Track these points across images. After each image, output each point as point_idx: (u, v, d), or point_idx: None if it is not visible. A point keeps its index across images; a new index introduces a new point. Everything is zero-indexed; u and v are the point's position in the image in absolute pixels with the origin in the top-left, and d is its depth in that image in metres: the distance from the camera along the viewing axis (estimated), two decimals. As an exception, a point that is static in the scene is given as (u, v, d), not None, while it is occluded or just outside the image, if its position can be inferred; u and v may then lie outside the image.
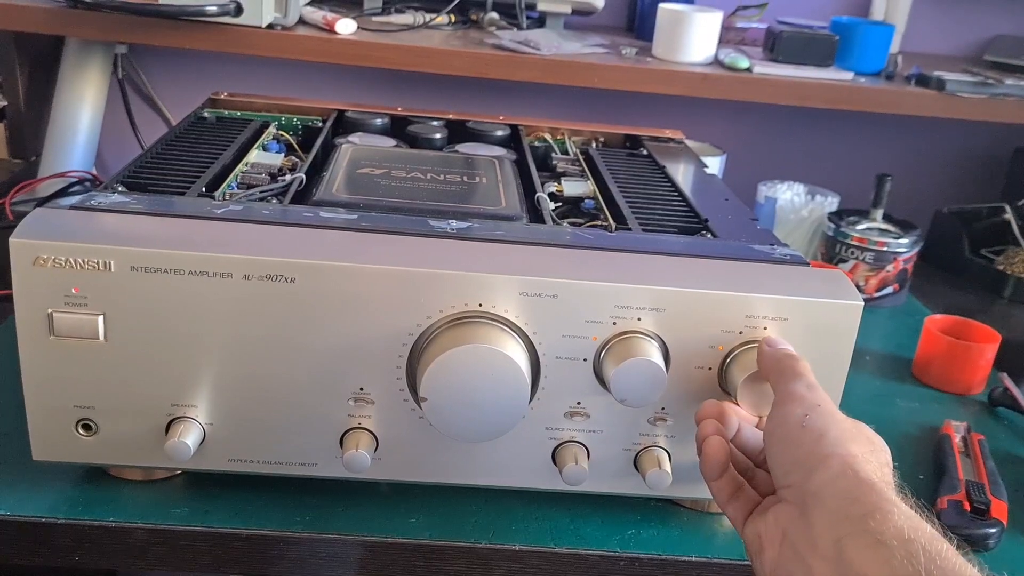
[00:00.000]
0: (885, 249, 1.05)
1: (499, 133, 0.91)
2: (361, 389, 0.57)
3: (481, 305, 0.55)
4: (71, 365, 0.55)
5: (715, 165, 1.09)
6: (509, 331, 0.55)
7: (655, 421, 0.59)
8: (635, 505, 0.64)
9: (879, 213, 1.09)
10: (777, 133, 1.42)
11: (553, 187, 0.77)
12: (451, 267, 0.54)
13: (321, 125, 0.88)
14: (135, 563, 0.59)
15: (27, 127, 1.23)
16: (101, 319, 0.54)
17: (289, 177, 0.71)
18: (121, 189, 0.63)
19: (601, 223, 0.69)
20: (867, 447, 0.46)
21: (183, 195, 0.63)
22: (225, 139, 0.78)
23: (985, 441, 0.76)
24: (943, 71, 1.19)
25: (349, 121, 0.90)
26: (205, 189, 0.65)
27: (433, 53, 1.09)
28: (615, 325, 0.56)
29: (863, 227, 1.08)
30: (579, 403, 0.58)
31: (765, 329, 0.57)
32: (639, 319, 0.56)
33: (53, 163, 1.18)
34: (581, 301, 0.55)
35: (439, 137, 0.88)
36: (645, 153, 0.91)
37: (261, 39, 1.05)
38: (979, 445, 0.75)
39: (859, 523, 0.40)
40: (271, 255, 0.53)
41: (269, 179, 0.71)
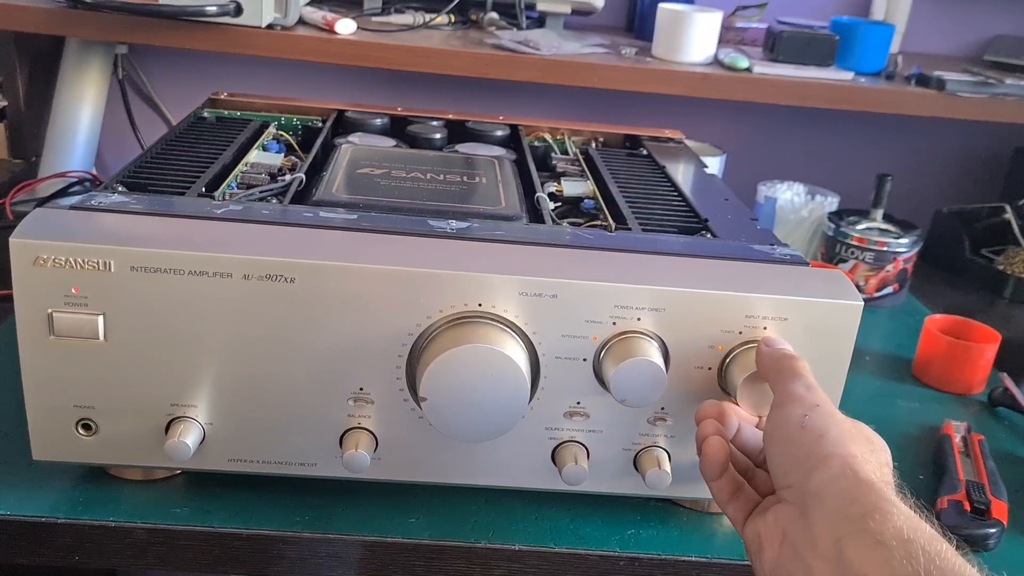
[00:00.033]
0: (885, 249, 1.05)
1: (499, 133, 0.91)
2: (361, 389, 0.57)
3: (481, 305, 0.55)
4: (71, 365, 0.55)
5: (715, 165, 1.09)
6: (509, 331, 0.55)
7: (655, 421, 0.59)
8: (635, 505, 0.64)
9: (879, 213, 1.09)
10: (777, 133, 1.42)
11: (553, 187, 0.77)
12: (451, 267, 0.54)
13: (321, 125, 0.88)
14: (135, 563, 0.59)
15: (27, 127, 1.23)
16: (101, 319, 0.54)
17: (289, 177, 0.71)
18: (121, 189, 0.63)
19: (601, 223, 0.69)
20: (867, 447, 0.46)
21: (183, 195, 0.63)
22: (225, 139, 0.78)
23: (985, 441, 0.76)
24: (943, 71, 1.18)
25: (349, 121, 0.90)
26: (205, 189, 0.65)
27: (433, 53, 1.08)
28: (615, 325, 0.56)
29: (863, 227, 1.08)
30: (579, 403, 0.58)
31: (765, 329, 0.57)
32: (639, 319, 0.56)
33: (53, 163, 1.18)
34: (581, 301, 0.55)
35: (439, 137, 0.88)
36: (645, 153, 0.91)
37: (261, 39, 1.05)
38: (979, 445, 0.75)
39: (859, 523, 0.40)
40: (271, 255, 0.53)
41: (269, 179, 0.71)
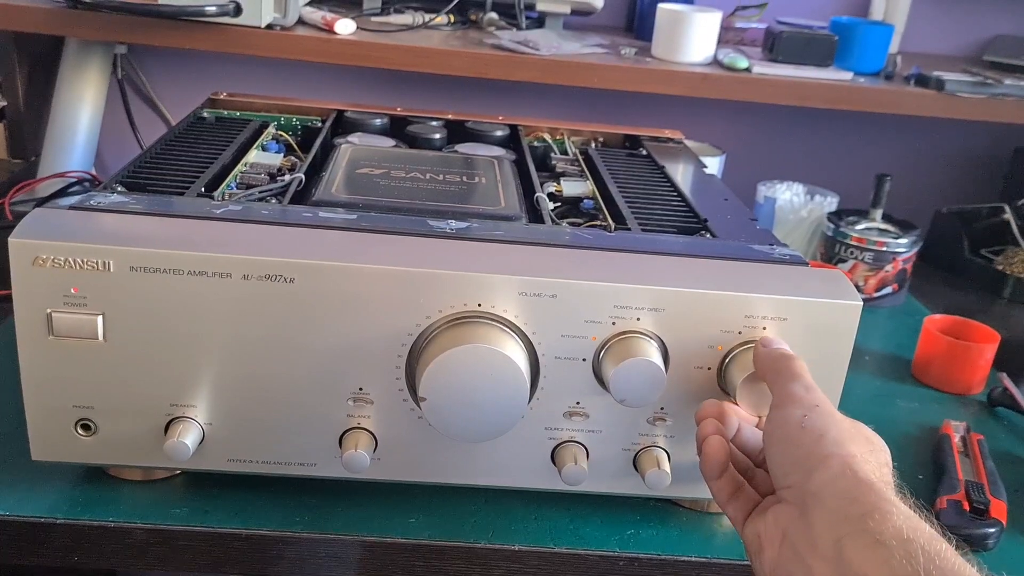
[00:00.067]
0: (884, 249, 1.05)
1: (498, 133, 0.91)
2: (360, 389, 0.57)
3: (480, 305, 0.55)
4: (70, 365, 0.55)
5: (714, 165, 1.09)
6: (508, 331, 0.55)
7: (654, 421, 0.59)
8: (634, 505, 0.64)
9: (878, 213, 1.09)
10: (776, 133, 1.42)
11: (552, 187, 0.77)
12: (450, 267, 0.54)
13: (320, 125, 0.88)
14: (134, 563, 0.59)
15: (27, 127, 1.23)
16: (100, 319, 0.54)
17: (288, 177, 0.71)
18: (120, 189, 0.63)
19: (600, 223, 0.69)
20: (866, 447, 0.46)
21: (182, 195, 0.63)
22: (224, 139, 0.78)
23: (984, 441, 0.76)
24: (942, 71, 1.19)
25: (348, 121, 0.90)
26: (204, 189, 0.65)
27: (432, 53, 1.08)
28: (614, 325, 0.56)
29: (862, 227, 1.08)
30: (578, 403, 0.58)
31: (764, 329, 0.57)
32: (638, 319, 0.56)
33: (52, 163, 1.18)
34: (580, 301, 0.55)
35: (438, 137, 0.88)
36: (644, 153, 0.91)
37: (260, 39, 1.05)
38: (978, 445, 0.75)
39: (858, 523, 0.40)
40: (270, 255, 0.53)
41: (268, 179, 0.71)
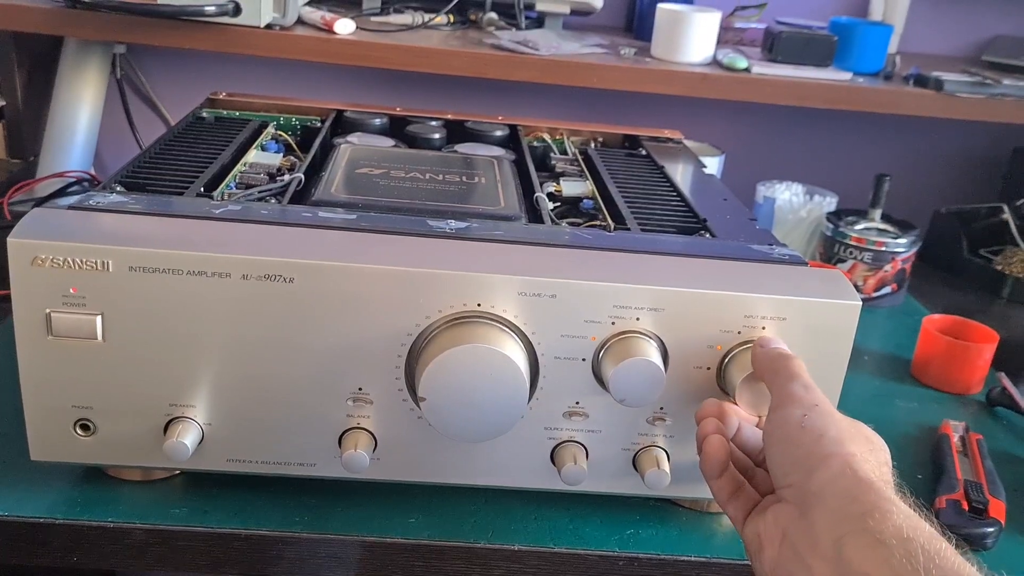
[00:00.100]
0: (883, 249, 1.05)
1: (498, 133, 0.91)
2: (360, 389, 0.57)
3: (480, 305, 0.55)
4: (69, 365, 0.55)
5: (714, 165, 1.09)
6: (508, 331, 0.55)
7: (654, 421, 0.59)
8: (634, 505, 0.64)
9: (877, 213, 1.09)
10: (776, 133, 1.43)
11: (552, 187, 0.77)
12: (450, 267, 0.54)
13: (320, 125, 0.88)
14: (134, 563, 0.58)
15: (26, 127, 1.23)
16: (99, 319, 0.54)
17: (288, 177, 0.71)
18: (119, 189, 0.63)
19: (600, 223, 0.69)
20: (866, 446, 0.46)
21: (181, 195, 0.63)
22: (223, 139, 0.78)
23: (983, 441, 0.76)
24: (941, 71, 1.19)
25: (348, 121, 0.90)
26: (203, 189, 0.65)
27: (432, 53, 1.08)
28: (614, 325, 0.56)
29: (861, 227, 1.08)
30: (578, 403, 0.58)
31: (763, 329, 0.57)
32: (638, 319, 0.56)
33: (51, 163, 1.18)
34: (580, 301, 0.55)
35: (438, 137, 0.88)
36: (644, 153, 0.91)
37: (259, 39, 1.05)
38: (977, 445, 0.75)
39: (858, 522, 0.40)
40: (270, 255, 0.53)
41: (268, 179, 0.71)
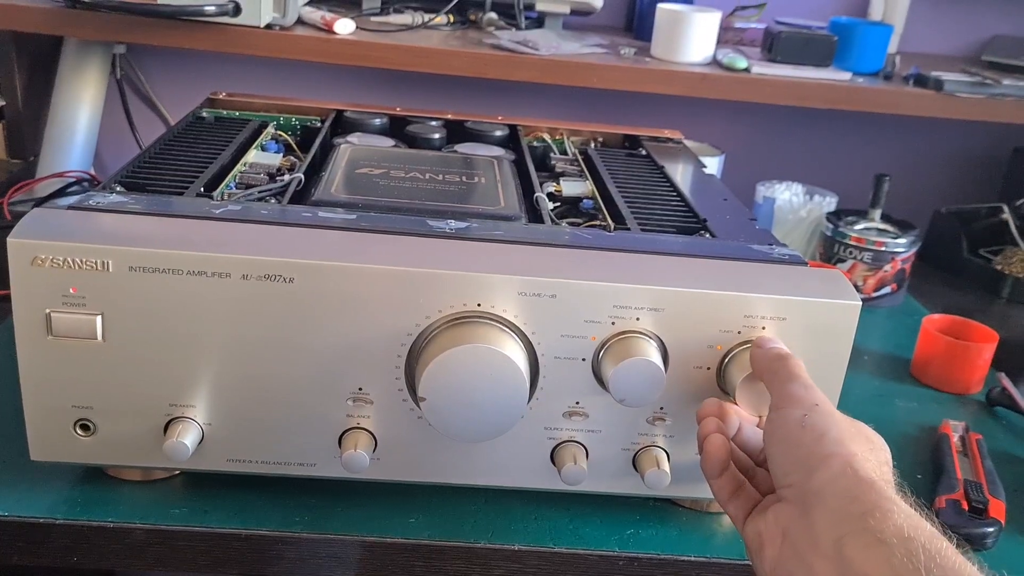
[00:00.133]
0: (883, 249, 1.05)
1: (498, 133, 0.91)
2: (360, 389, 0.57)
3: (480, 305, 0.55)
4: (69, 365, 0.55)
5: (714, 165, 1.09)
6: (508, 331, 0.55)
7: (654, 421, 0.59)
8: (634, 505, 0.64)
9: (877, 213, 1.09)
10: (775, 133, 1.43)
11: (552, 187, 0.77)
12: (450, 267, 0.54)
13: (320, 125, 0.88)
14: (133, 563, 0.58)
15: (25, 127, 1.23)
16: (99, 319, 0.54)
17: (288, 177, 0.71)
18: (119, 189, 0.63)
19: (600, 223, 0.69)
20: (866, 446, 0.46)
21: (181, 195, 0.63)
22: (223, 139, 0.78)
23: (983, 441, 0.76)
24: (941, 71, 1.19)
25: (348, 121, 0.90)
26: (203, 189, 0.65)
27: (432, 53, 1.08)
28: (614, 325, 0.56)
29: (861, 227, 1.08)
30: (578, 403, 0.58)
31: (763, 329, 0.57)
32: (638, 319, 0.56)
33: (51, 163, 1.18)
34: (580, 301, 0.55)
35: (438, 137, 0.88)
36: (644, 153, 0.91)
37: (259, 39, 1.05)
38: (977, 445, 0.75)
39: (859, 521, 0.40)
40: (269, 255, 0.53)
41: (267, 179, 0.71)
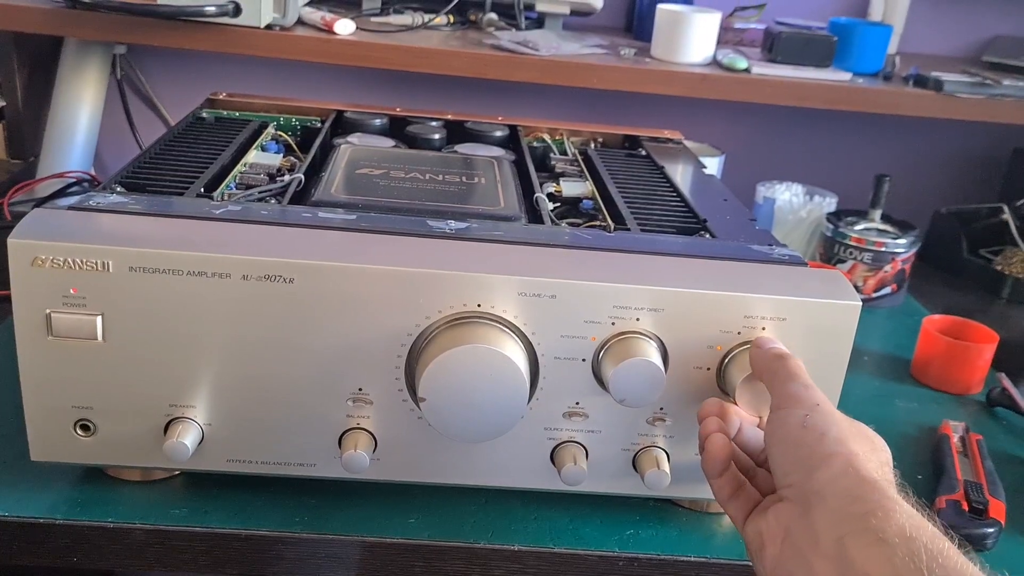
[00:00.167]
0: (883, 249, 1.05)
1: (498, 134, 0.91)
2: (360, 389, 0.57)
3: (480, 305, 0.55)
4: (69, 365, 0.55)
5: (714, 166, 1.09)
6: (508, 331, 0.55)
7: (654, 421, 0.59)
8: (634, 505, 0.64)
9: (877, 213, 1.09)
10: (775, 134, 1.43)
11: (552, 187, 0.77)
12: (450, 267, 0.54)
13: (320, 125, 0.88)
14: (133, 564, 0.58)
15: (26, 127, 1.23)
16: (99, 319, 0.54)
17: (288, 177, 0.71)
18: (119, 189, 0.63)
19: (600, 223, 0.69)
20: (867, 446, 0.46)
21: (181, 195, 0.63)
22: (223, 139, 0.78)
23: (983, 441, 0.76)
24: (941, 72, 1.19)
25: (348, 121, 0.90)
26: (204, 189, 0.65)
27: (432, 54, 1.09)
28: (614, 325, 0.56)
29: (861, 227, 1.08)
30: (578, 403, 0.58)
31: (763, 329, 0.57)
32: (638, 319, 0.56)
33: (51, 163, 1.18)
34: (580, 301, 0.55)
35: (438, 137, 0.88)
36: (644, 154, 0.91)
37: (260, 39, 1.05)
38: (977, 445, 0.75)
39: (861, 521, 0.40)
40: (270, 255, 0.53)
41: (268, 179, 0.71)
